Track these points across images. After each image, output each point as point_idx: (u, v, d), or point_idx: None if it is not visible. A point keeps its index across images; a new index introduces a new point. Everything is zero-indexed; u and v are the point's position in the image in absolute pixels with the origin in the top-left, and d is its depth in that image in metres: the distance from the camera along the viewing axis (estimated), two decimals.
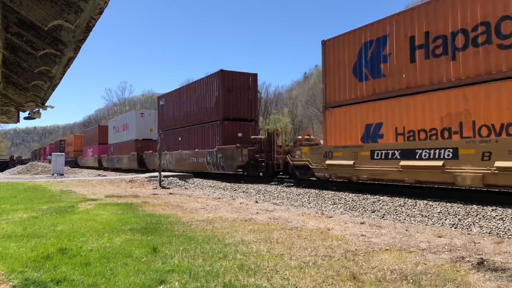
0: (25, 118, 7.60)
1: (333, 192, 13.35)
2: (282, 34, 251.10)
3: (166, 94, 29.83)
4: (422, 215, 9.20)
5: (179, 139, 26.40)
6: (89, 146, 50.31)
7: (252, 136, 20.84)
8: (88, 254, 5.44)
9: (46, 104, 6.89)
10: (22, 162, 76.17)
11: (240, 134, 21.63)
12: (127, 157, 34.90)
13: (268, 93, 69.30)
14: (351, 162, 13.20)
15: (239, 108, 21.90)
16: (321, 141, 15.91)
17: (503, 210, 8.67)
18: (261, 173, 20.03)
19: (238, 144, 20.06)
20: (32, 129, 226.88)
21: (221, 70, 21.59)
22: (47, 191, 15.82)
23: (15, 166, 54.98)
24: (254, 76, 22.61)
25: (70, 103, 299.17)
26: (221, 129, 21.46)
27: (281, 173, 18.67)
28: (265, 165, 18.98)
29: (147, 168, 31.36)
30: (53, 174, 30.83)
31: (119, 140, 38.58)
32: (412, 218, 9.08)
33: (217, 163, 21.29)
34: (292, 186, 16.16)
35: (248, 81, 22.32)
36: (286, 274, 4.50)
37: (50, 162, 52.49)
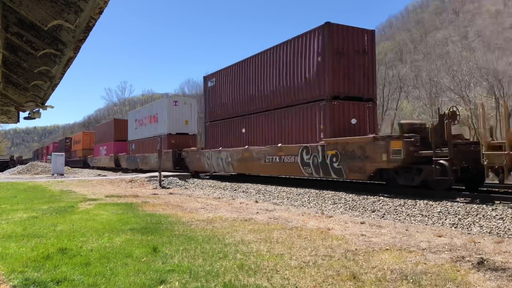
0: (25, 118, 7.60)
1: (333, 192, 13.33)
2: (281, 32, 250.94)
3: (219, 71, 22.23)
4: (422, 215, 9.20)
5: (243, 130, 19.44)
6: (101, 144, 43.45)
7: (406, 121, 13.80)
8: (88, 254, 5.44)
9: (46, 104, 6.88)
10: (22, 162, 76.01)
11: (354, 121, 14.77)
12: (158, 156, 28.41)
13: None
14: None
15: (351, 81, 14.80)
16: None
17: (503, 210, 8.67)
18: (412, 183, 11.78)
19: (376, 134, 13.47)
20: (32, 129, 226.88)
21: (327, 23, 14.53)
22: (47, 191, 15.82)
23: (15, 166, 54.95)
24: (371, 34, 15.46)
25: (70, 103, 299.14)
26: (328, 113, 14.37)
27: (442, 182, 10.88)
28: (441, 169, 10.62)
29: (188, 170, 24.20)
30: (53, 174, 30.83)
31: (144, 136, 31.59)
32: (412, 218, 9.07)
33: (326, 164, 14.07)
34: None
35: (364, 40, 15.23)
36: (286, 274, 4.50)
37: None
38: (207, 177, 23.49)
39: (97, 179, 23.17)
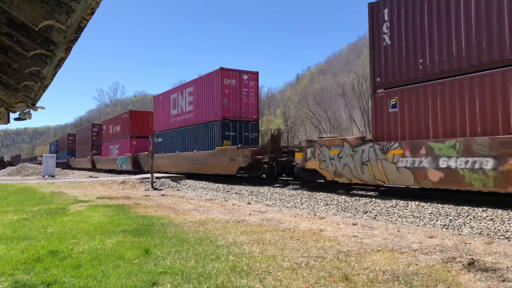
0: (16, 119, 7.54)
1: (325, 194, 13.38)
2: (274, 36, 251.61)
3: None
4: (414, 216, 9.26)
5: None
6: None
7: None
8: (79, 256, 5.39)
9: (36, 105, 6.84)
10: (12, 163, 75.02)
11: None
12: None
13: (261, 94, 69.57)
14: None
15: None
16: None
17: (493, 211, 8.76)
18: None
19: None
20: (22, 130, 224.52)
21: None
22: (38, 192, 15.66)
23: (5, 168, 54.38)
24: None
25: (61, 104, 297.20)
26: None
27: None
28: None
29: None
30: (44, 176, 30.54)
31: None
32: (403, 219, 9.13)
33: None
34: None
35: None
36: (278, 275, 4.50)
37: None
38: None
39: (88, 180, 22.98)
